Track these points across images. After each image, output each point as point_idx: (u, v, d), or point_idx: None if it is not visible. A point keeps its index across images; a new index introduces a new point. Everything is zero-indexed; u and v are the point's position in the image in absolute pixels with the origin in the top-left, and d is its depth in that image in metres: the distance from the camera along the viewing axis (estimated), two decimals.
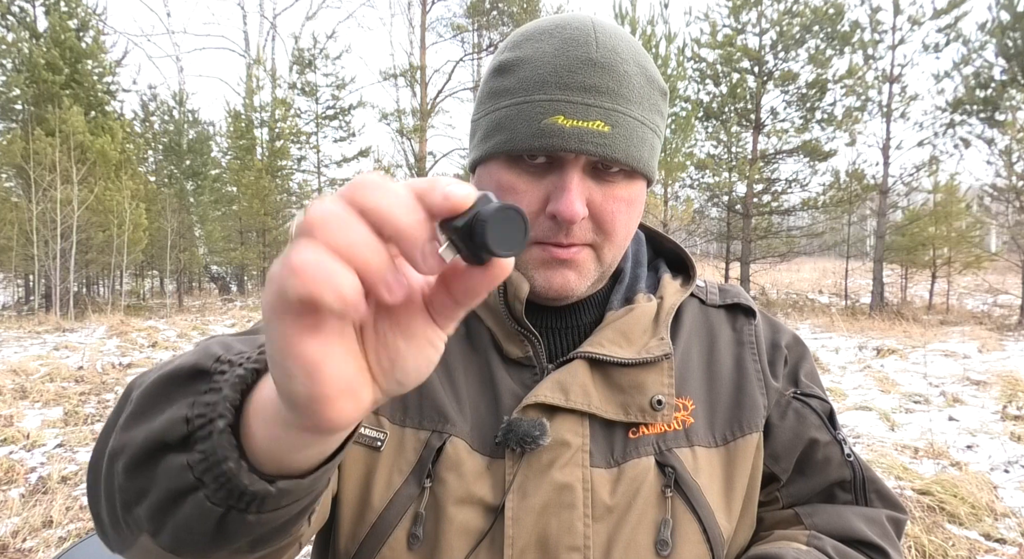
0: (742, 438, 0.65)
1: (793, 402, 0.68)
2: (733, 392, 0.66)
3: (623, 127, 0.58)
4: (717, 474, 0.63)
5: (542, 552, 0.58)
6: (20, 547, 3.13)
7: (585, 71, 0.57)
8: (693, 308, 0.72)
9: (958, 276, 13.89)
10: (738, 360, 0.69)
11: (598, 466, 0.61)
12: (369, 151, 20.27)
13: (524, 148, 0.58)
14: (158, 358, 8.38)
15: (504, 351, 0.65)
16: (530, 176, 0.60)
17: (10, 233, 12.94)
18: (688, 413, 0.64)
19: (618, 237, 0.62)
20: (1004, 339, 9.35)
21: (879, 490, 0.69)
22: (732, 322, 0.72)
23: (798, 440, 0.67)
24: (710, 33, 14.16)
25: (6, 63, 14.14)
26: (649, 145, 0.61)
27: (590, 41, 0.58)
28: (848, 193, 13.81)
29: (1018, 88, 11.73)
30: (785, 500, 0.69)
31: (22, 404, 5.75)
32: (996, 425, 4.71)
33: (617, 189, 0.61)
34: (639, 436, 0.62)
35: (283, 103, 18.59)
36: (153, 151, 19.58)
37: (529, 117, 0.58)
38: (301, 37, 30.21)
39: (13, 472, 4.07)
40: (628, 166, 0.59)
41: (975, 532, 3.03)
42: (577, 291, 0.63)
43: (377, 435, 0.61)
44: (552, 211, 0.58)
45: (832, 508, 0.67)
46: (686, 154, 14.01)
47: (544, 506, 0.58)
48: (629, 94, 0.59)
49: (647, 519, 0.59)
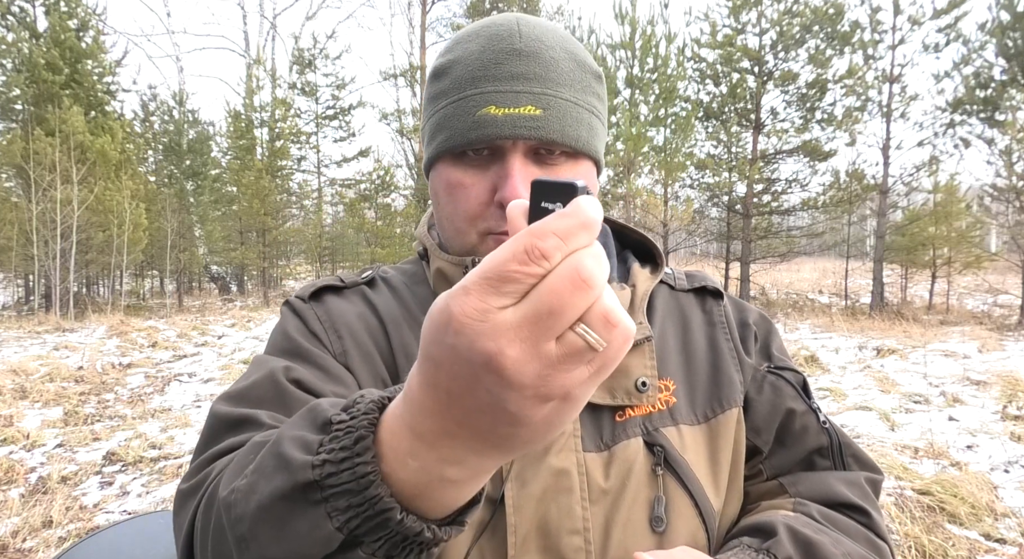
0: (723, 414, 0.67)
1: (768, 376, 0.71)
2: (710, 371, 0.69)
3: (555, 109, 0.60)
4: (702, 450, 0.65)
5: (544, 537, 0.59)
6: (20, 547, 3.13)
7: (511, 61, 0.60)
8: (664, 294, 0.75)
9: (958, 276, 13.88)
10: (711, 340, 0.71)
11: (589, 450, 0.62)
12: (369, 151, 20.27)
13: (463, 142, 0.61)
14: (158, 358, 8.38)
15: None
16: (475, 170, 0.62)
17: (10, 233, 12.94)
18: (670, 393, 0.66)
19: None
20: (1004, 339, 9.35)
21: (855, 454, 0.71)
22: (702, 304, 0.75)
23: (776, 412, 0.70)
24: (710, 33, 14.16)
25: (6, 63, 14.14)
26: (587, 125, 0.63)
27: (514, 34, 0.61)
28: (848, 193, 13.81)
29: (1018, 88, 11.73)
30: (769, 472, 0.71)
31: (22, 404, 5.75)
32: (996, 425, 4.70)
33: (561, 170, 0.63)
34: (626, 419, 0.64)
35: (283, 103, 18.59)
36: (153, 151, 19.59)
37: (464, 112, 0.60)
38: (301, 37, 30.23)
39: (13, 472, 4.07)
40: (565, 146, 0.61)
41: (975, 532, 3.03)
42: None
43: None
44: (499, 199, 0.60)
45: (814, 475, 0.69)
46: (686, 154, 14.01)
47: (543, 492, 0.59)
48: (558, 78, 0.61)
49: (641, 498, 0.61)
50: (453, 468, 0.34)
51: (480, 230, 0.64)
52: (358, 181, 19.43)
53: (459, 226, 0.65)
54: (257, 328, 11.25)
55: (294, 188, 20.54)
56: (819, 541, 0.59)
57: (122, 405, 5.95)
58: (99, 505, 3.64)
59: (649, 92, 13.69)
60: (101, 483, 3.99)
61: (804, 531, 0.60)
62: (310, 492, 0.36)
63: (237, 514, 0.40)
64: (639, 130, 13.09)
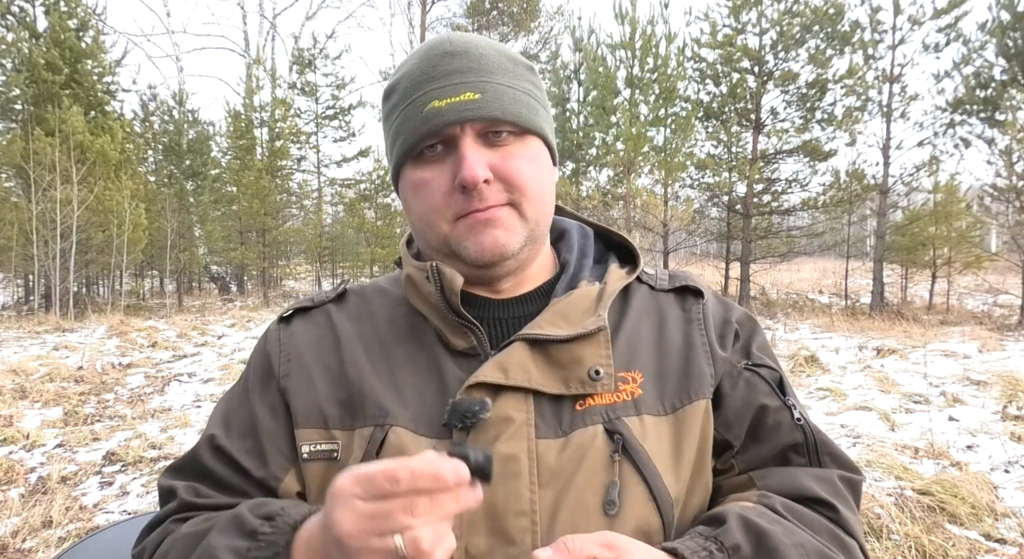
0: (690, 405, 0.69)
1: (744, 372, 0.73)
2: (682, 364, 0.71)
3: (491, 91, 0.66)
4: (666, 439, 0.67)
5: (491, 519, 0.62)
6: (20, 547, 3.13)
7: (445, 61, 0.67)
8: (642, 293, 0.77)
9: (958, 276, 13.89)
10: (687, 336, 0.73)
11: (545, 437, 0.65)
12: (369, 151, 20.25)
13: (416, 139, 0.67)
14: (158, 358, 8.38)
15: (450, 345, 0.71)
16: (435, 165, 0.68)
17: (10, 233, 12.94)
18: (637, 385, 0.68)
19: (531, 191, 0.68)
20: (1004, 339, 9.35)
21: (832, 452, 0.71)
22: (681, 303, 0.77)
23: (748, 407, 0.71)
24: (710, 33, 14.16)
25: (6, 63, 14.14)
26: (526, 104, 0.68)
27: (445, 42, 0.68)
28: (848, 193, 13.82)
29: (1018, 88, 11.73)
30: (741, 466, 0.72)
31: (22, 404, 5.75)
32: (996, 425, 4.70)
33: (512, 148, 0.68)
34: (586, 407, 0.66)
35: (283, 103, 18.59)
36: (153, 151, 19.59)
37: (413, 114, 0.67)
38: (301, 37, 30.23)
39: (13, 472, 4.07)
40: (508, 122, 0.66)
41: (975, 532, 3.03)
42: (509, 247, 0.68)
43: (332, 447, 0.68)
44: (458, 182, 0.65)
45: (784, 470, 0.70)
46: (686, 154, 14.01)
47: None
48: (490, 67, 0.67)
49: (594, 482, 0.63)
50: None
51: (448, 218, 0.68)
52: (358, 181, 19.43)
53: (430, 220, 0.69)
54: (257, 328, 11.25)
55: (294, 188, 20.54)
56: (770, 530, 0.60)
57: (122, 405, 5.95)
58: (99, 505, 3.64)
59: (649, 92, 13.69)
60: (101, 483, 3.99)
61: (756, 520, 0.60)
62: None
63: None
64: (639, 130, 13.09)
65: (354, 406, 0.68)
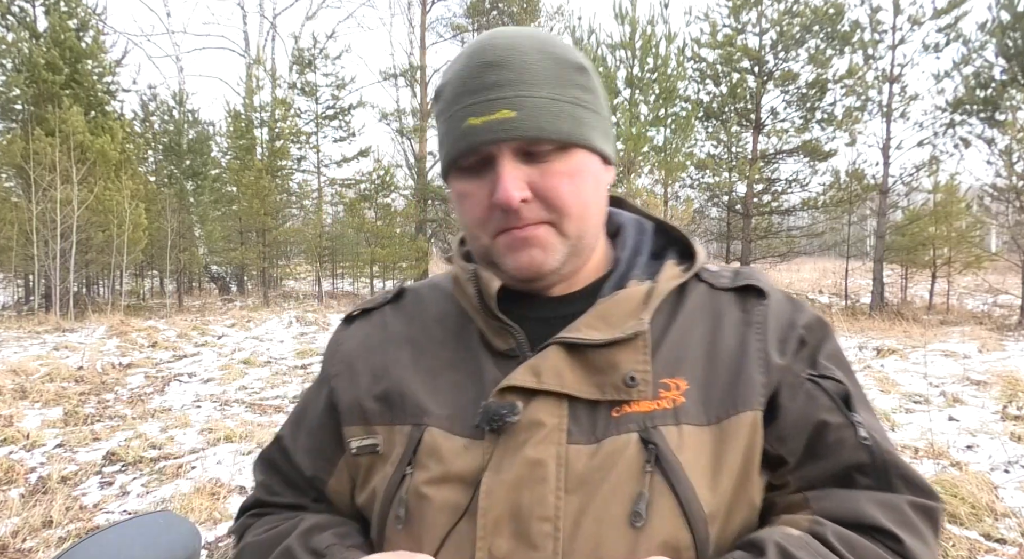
0: (735, 416, 0.65)
1: (806, 384, 0.67)
2: (731, 371, 0.67)
3: (529, 108, 0.64)
4: (705, 451, 0.64)
5: (515, 522, 0.62)
6: (20, 547, 3.13)
7: (484, 73, 0.65)
8: (700, 292, 0.73)
9: (958, 276, 13.89)
10: (741, 340, 0.69)
11: (577, 443, 0.64)
12: (369, 151, 20.27)
13: (455, 155, 0.66)
14: (158, 358, 8.38)
15: (492, 345, 0.71)
16: (476, 179, 0.67)
17: (10, 233, 12.94)
18: (680, 392, 0.65)
19: (572, 209, 0.66)
20: (1004, 339, 9.35)
21: (905, 476, 0.65)
22: (741, 304, 0.72)
23: (806, 422, 0.66)
24: (710, 33, 14.17)
25: (6, 63, 14.14)
26: (569, 116, 0.66)
27: (487, 48, 0.66)
28: (848, 193, 13.82)
29: (1018, 88, 11.73)
30: (796, 483, 0.67)
31: (22, 404, 5.75)
32: (996, 425, 4.70)
33: (554, 165, 0.65)
34: (622, 414, 0.65)
35: (283, 103, 18.59)
36: (153, 151, 19.58)
37: (452, 128, 0.66)
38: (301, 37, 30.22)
39: (13, 472, 4.07)
40: (546, 140, 0.64)
41: (975, 532, 3.03)
42: (546, 267, 0.68)
43: (374, 441, 0.72)
44: (494, 201, 0.64)
45: (845, 493, 0.65)
46: (686, 154, 14.02)
47: (517, 480, 0.62)
48: (532, 78, 0.64)
49: (622, 492, 0.61)
50: None
51: (488, 232, 0.68)
52: (358, 181, 19.43)
53: (473, 232, 0.70)
54: (257, 328, 11.25)
55: (294, 188, 20.54)
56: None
57: (122, 405, 5.95)
58: (99, 505, 3.64)
59: (649, 92, 13.69)
60: (101, 483, 3.99)
61: (797, 554, 0.58)
62: None
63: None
64: (639, 130, 13.09)
65: (393, 403, 0.72)
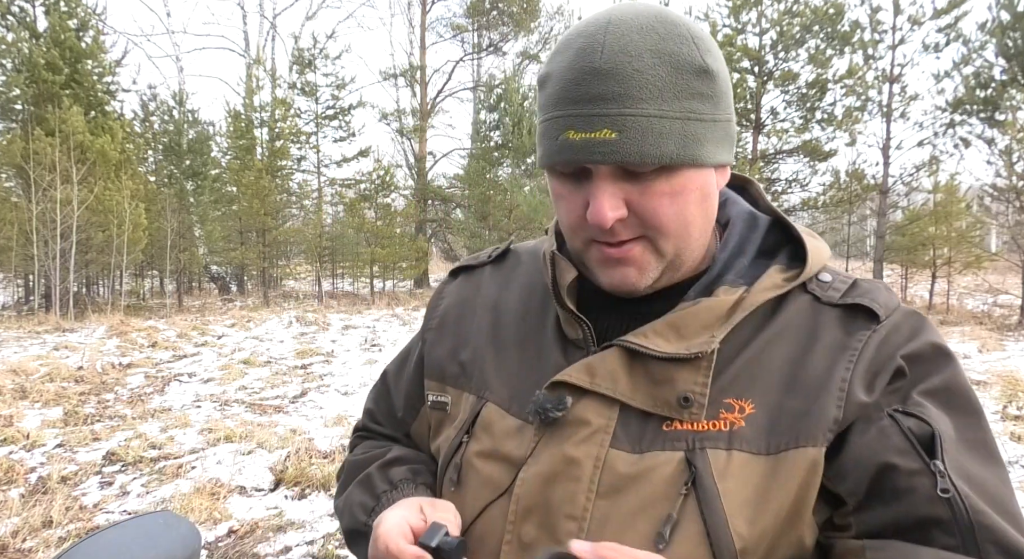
0: (794, 450, 0.59)
1: (884, 419, 0.59)
2: (806, 401, 0.60)
3: (632, 129, 0.58)
4: (752, 482, 0.59)
5: (545, 515, 0.63)
6: (20, 547, 3.13)
7: (589, 82, 0.59)
8: (801, 305, 0.66)
9: (958, 276, 13.89)
10: (830, 367, 0.61)
11: (621, 449, 0.62)
12: (369, 151, 20.28)
13: (550, 163, 0.63)
14: (158, 358, 8.38)
15: (564, 332, 0.71)
16: (572, 184, 0.64)
17: (10, 233, 12.93)
18: (742, 416, 0.61)
19: (670, 229, 0.62)
20: (1004, 339, 9.35)
21: (1000, 542, 0.54)
22: (846, 325, 0.64)
23: (869, 462, 0.58)
24: (710, 33, 14.16)
25: (6, 63, 14.14)
26: (678, 136, 0.60)
27: (596, 48, 0.59)
28: (848, 193, 13.83)
29: (1018, 88, 11.73)
30: (857, 528, 0.59)
31: (22, 404, 5.75)
32: (996, 425, 4.71)
33: (656, 185, 0.61)
34: (673, 429, 0.62)
35: (283, 103, 18.59)
36: (153, 151, 19.58)
37: (551, 134, 0.62)
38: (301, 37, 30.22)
39: (13, 472, 4.07)
40: (645, 164, 0.59)
41: None
42: (640, 285, 0.65)
43: (444, 399, 0.77)
44: (588, 217, 0.62)
45: (909, 548, 0.56)
46: None
47: (551, 475, 0.63)
48: (640, 93, 0.58)
49: (653, 509, 0.59)
50: None
51: (582, 238, 0.66)
52: (358, 181, 19.45)
53: (567, 233, 0.68)
54: (257, 328, 11.25)
55: (294, 188, 20.54)
56: None
57: (122, 405, 5.95)
58: (99, 505, 3.64)
59: None
60: (101, 483, 3.99)
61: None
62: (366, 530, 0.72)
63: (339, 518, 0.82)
64: None
65: (468, 370, 0.75)
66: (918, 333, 0.63)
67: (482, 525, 0.66)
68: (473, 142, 20.37)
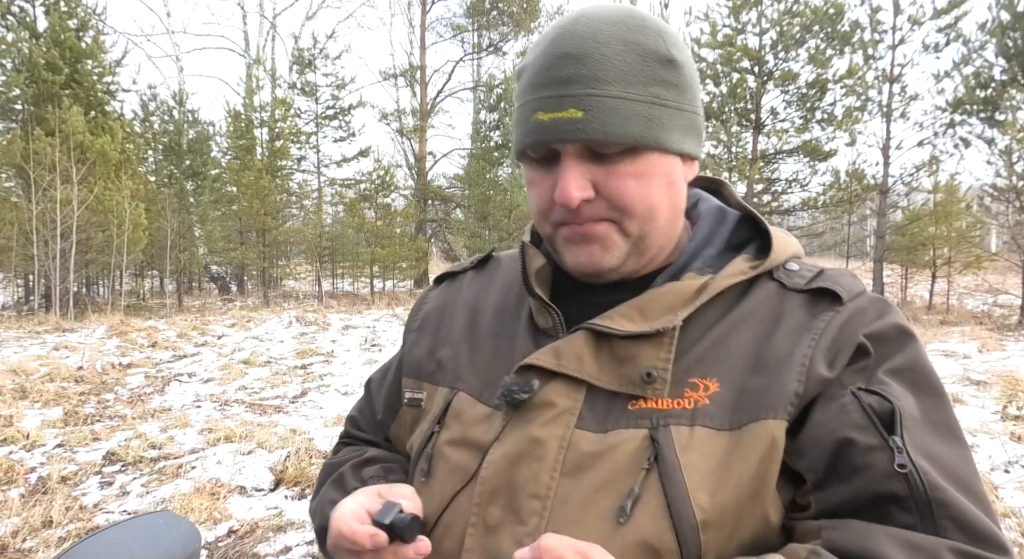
0: (755, 423, 0.60)
1: (844, 397, 0.60)
2: (770, 377, 0.62)
3: (597, 109, 0.61)
4: (714, 456, 0.60)
5: (510, 496, 0.64)
6: (20, 547, 3.13)
7: (559, 66, 0.62)
8: (768, 291, 0.68)
9: (958, 276, 13.89)
10: (793, 345, 0.63)
11: (586, 428, 0.64)
12: (369, 151, 20.26)
13: (522, 147, 0.66)
14: (158, 358, 8.38)
15: (536, 322, 0.73)
16: (543, 170, 0.67)
17: (10, 233, 12.93)
18: (707, 394, 0.62)
19: (636, 210, 0.65)
20: (1004, 339, 9.35)
21: (958, 519, 0.54)
22: (811, 308, 0.65)
23: (827, 437, 0.59)
24: (710, 33, 14.16)
25: (6, 63, 14.14)
26: (642, 117, 0.62)
27: (567, 36, 0.63)
28: (848, 193, 13.82)
29: (1018, 88, 11.73)
30: (817, 506, 0.60)
31: (22, 404, 5.75)
32: (996, 425, 4.70)
33: (621, 167, 0.63)
34: (638, 408, 0.63)
35: (283, 103, 18.59)
36: (153, 151, 19.57)
37: (524, 119, 0.65)
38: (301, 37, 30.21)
39: (13, 472, 4.07)
40: (611, 143, 0.62)
41: None
42: (605, 264, 0.67)
43: (419, 396, 0.78)
44: (555, 198, 0.64)
45: (863, 526, 0.56)
46: None
47: (516, 455, 0.64)
48: (607, 76, 0.61)
49: (615, 486, 0.60)
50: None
51: (551, 221, 0.68)
52: (358, 181, 19.43)
53: (537, 219, 0.71)
54: (257, 328, 11.25)
55: (294, 188, 20.54)
56: None
57: (122, 405, 5.95)
58: (99, 505, 3.64)
59: None
60: (101, 483, 3.99)
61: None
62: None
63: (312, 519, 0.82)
64: None
65: (444, 366, 0.77)
66: (882, 315, 0.65)
67: (451, 512, 0.66)
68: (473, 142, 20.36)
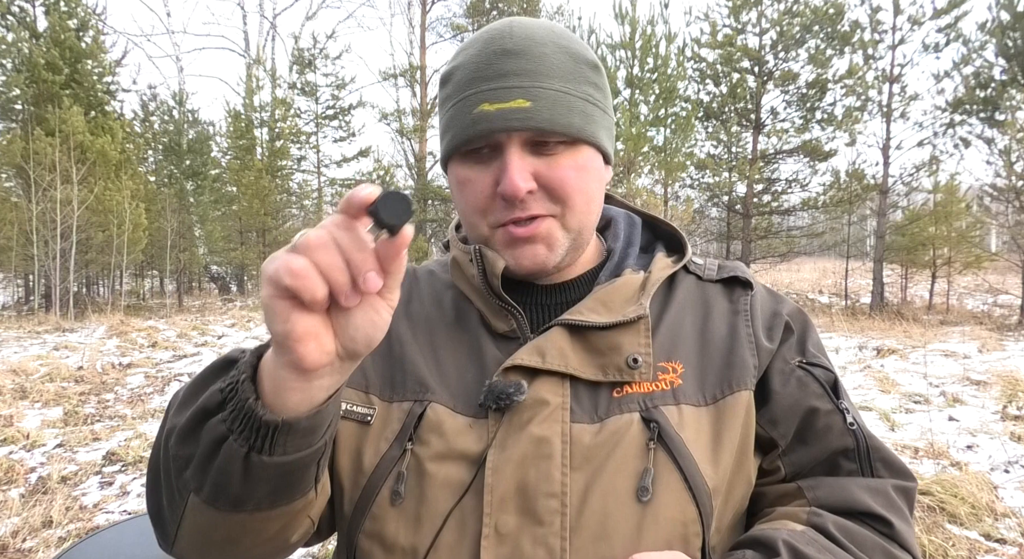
0: (731, 396, 0.67)
1: (797, 370, 0.70)
2: (725, 355, 0.70)
3: (544, 99, 0.64)
4: (704, 430, 0.66)
5: (522, 499, 0.62)
6: (20, 547, 3.13)
7: (501, 61, 0.65)
8: (689, 283, 0.76)
9: (958, 276, 13.88)
10: (732, 327, 0.72)
11: (581, 422, 0.65)
12: (369, 151, 20.25)
13: (464, 139, 0.66)
14: (158, 358, 8.38)
15: (492, 327, 0.72)
16: (480, 166, 0.67)
17: (10, 233, 12.94)
18: (677, 375, 0.68)
19: (576, 202, 0.67)
20: (1004, 339, 9.35)
21: (885, 459, 0.68)
22: (728, 294, 0.75)
23: (797, 407, 0.69)
24: (710, 33, 14.16)
25: (6, 63, 14.13)
26: (580, 112, 0.66)
27: (505, 35, 0.66)
28: (848, 193, 13.81)
29: (1018, 88, 11.73)
30: (787, 469, 0.69)
31: (22, 404, 5.75)
32: (996, 425, 4.70)
33: (561, 159, 0.66)
34: (623, 395, 0.66)
35: (283, 103, 18.59)
36: (153, 151, 19.58)
37: (463, 112, 0.65)
38: (301, 37, 30.19)
39: (13, 472, 4.07)
40: (557, 133, 0.64)
41: (975, 532, 3.03)
42: (549, 263, 0.69)
43: (367, 411, 0.70)
44: (499, 191, 0.64)
45: (835, 481, 0.67)
46: (686, 154, 14.01)
47: (522, 457, 0.63)
48: (548, 71, 0.65)
49: (628, 468, 0.63)
50: (285, 380, 0.48)
51: (489, 223, 0.68)
52: (358, 181, 19.42)
53: (471, 220, 0.69)
54: (257, 328, 11.25)
55: (294, 188, 20.54)
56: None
57: (122, 405, 5.95)
58: (99, 505, 3.64)
59: (649, 92, 13.68)
60: (101, 483, 3.99)
61: (806, 550, 0.59)
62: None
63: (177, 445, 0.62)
64: (639, 130, 13.08)
65: (395, 379, 0.71)
66: (782, 298, 0.77)
67: (450, 530, 0.62)
68: None
